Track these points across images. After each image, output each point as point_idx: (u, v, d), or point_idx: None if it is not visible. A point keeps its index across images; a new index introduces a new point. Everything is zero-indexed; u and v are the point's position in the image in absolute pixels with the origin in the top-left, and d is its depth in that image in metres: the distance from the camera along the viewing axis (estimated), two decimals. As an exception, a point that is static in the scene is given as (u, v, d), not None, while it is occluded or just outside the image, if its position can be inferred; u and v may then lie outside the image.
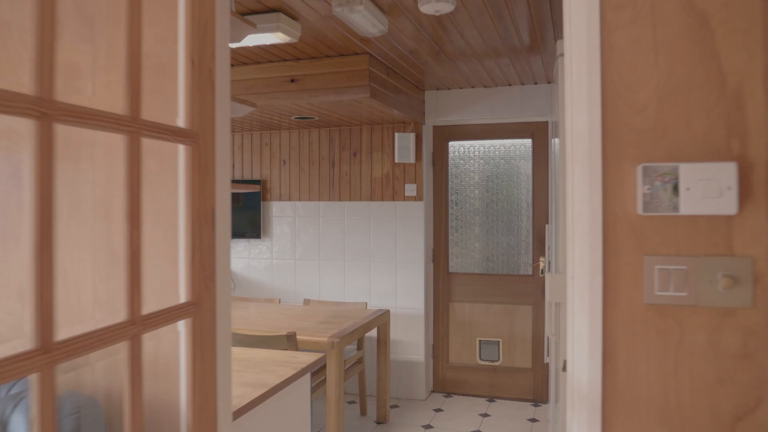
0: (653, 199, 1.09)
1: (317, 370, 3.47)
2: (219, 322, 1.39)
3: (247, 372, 1.95)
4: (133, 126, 1.08)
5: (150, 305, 1.23)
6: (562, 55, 1.98)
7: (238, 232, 4.95)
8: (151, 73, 1.37)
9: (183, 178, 1.27)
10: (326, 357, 3.21)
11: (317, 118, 4.23)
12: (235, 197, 4.93)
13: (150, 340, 1.42)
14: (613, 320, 1.12)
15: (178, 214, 1.29)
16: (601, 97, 1.13)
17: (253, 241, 4.99)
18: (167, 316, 1.18)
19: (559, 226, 2.27)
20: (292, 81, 3.47)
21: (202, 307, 1.31)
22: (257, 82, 3.53)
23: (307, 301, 4.42)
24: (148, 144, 1.35)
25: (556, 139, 2.46)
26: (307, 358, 2.10)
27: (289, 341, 3.16)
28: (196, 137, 1.29)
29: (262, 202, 4.93)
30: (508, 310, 4.52)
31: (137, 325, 1.08)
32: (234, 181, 4.82)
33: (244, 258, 5.03)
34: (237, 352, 2.29)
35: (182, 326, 1.30)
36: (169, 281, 1.38)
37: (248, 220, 4.94)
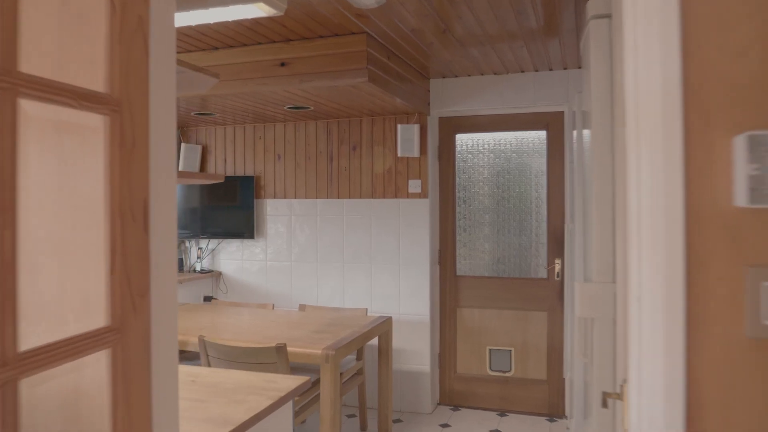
0: (762, 185, 0.74)
1: (312, 384, 3.13)
2: (157, 350, 1.06)
3: (211, 402, 1.61)
4: (6, 81, 0.75)
5: (64, 331, 0.90)
6: (595, 17, 1.64)
7: (231, 232, 4.63)
8: (70, 25, 1.04)
9: (102, 160, 0.94)
10: (320, 371, 2.88)
11: (313, 108, 3.90)
12: (231, 194, 4.60)
13: (69, 374, 1.09)
14: (700, 360, 0.77)
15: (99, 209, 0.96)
16: (680, 38, 0.78)
17: (247, 242, 4.67)
18: (68, 350, 0.85)
19: (588, 226, 1.92)
20: (282, 65, 3.13)
21: (126, 333, 0.97)
22: (244, 67, 3.20)
23: (302, 307, 4.09)
24: (65, 115, 1.03)
25: (586, 131, 2.10)
26: (288, 384, 1.76)
27: (279, 354, 2.83)
28: (118, 105, 0.95)
29: (255, 200, 4.60)
30: (520, 317, 4.17)
31: (10, 366, 0.75)
32: (226, 176, 4.48)
33: (236, 260, 4.71)
34: (204, 374, 1.95)
35: (104, 357, 0.97)
36: (95, 299, 1.04)
37: (241, 218, 4.61)
